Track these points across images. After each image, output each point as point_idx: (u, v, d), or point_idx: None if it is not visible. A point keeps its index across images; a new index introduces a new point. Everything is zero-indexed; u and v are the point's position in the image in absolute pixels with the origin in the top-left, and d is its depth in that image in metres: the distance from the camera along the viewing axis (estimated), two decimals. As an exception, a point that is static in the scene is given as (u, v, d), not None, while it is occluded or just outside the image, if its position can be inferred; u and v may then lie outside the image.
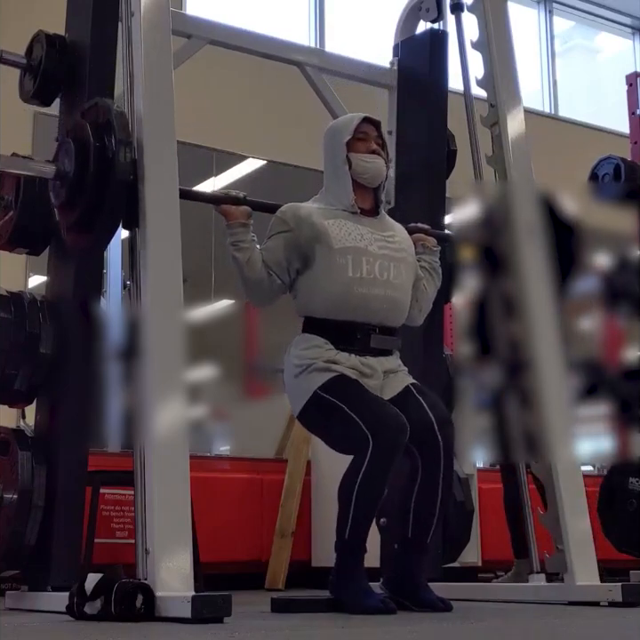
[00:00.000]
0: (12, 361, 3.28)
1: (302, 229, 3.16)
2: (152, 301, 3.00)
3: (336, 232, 3.15)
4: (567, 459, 3.69)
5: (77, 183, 3.04)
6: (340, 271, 3.12)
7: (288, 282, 3.20)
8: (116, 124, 3.01)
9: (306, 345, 3.14)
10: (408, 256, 3.28)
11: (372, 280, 3.13)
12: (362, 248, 3.15)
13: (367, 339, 3.13)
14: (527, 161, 4.07)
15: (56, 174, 3.13)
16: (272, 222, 3.24)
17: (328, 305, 3.14)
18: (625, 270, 4.96)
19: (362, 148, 3.23)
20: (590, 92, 12.42)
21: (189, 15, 5.84)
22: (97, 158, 3.01)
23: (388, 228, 3.28)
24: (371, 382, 3.11)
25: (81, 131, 3.08)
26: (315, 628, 2.67)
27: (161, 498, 2.82)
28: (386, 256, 3.18)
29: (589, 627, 2.81)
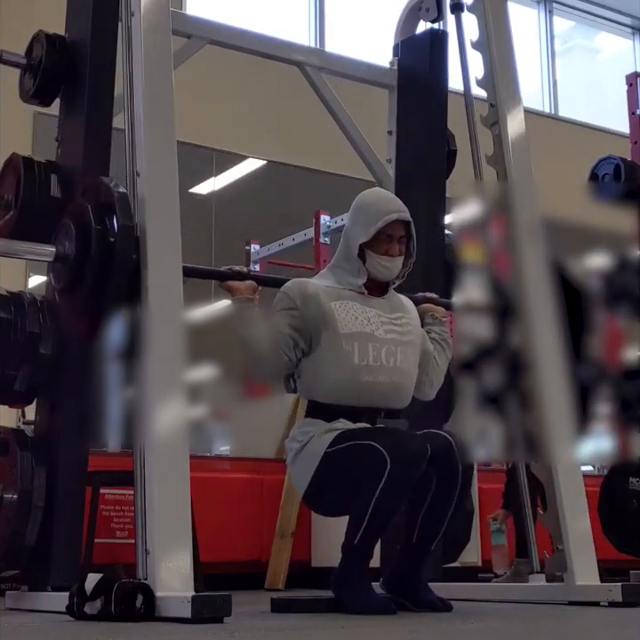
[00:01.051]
0: (12, 361, 3.28)
1: (309, 309, 3.11)
2: (152, 301, 2.99)
3: (342, 316, 3.10)
4: (567, 459, 3.69)
5: (78, 268, 3.02)
6: (346, 358, 3.07)
7: (295, 359, 3.14)
8: (117, 207, 2.98)
9: (309, 426, 3.12)
10: (415, 338, 3.23)
11: (378, 367, 3.09)
12: (368, 333, 3.10)
13: (373, 423, 3.10)
14: (527, 161, 4.07)
15: (56, 257, 3.11)
16: (278, 298, 3.19)
17: (333, 391, 3.10)
18: (625, 270, 4.96)
19: (381, 249, 3.15)
20: (590, 92, 12.43)
21: (189, 15, 5.84)
22: (98, 242, 2.98)
23: (396, 308, 3.22)
24: None
25: (82, 213, 3.05)
26: (315, 628, 2.67)
27: (161, 498, 2.82)
28: (393, 340, 3.13)
29: (589, 627, 2.81)
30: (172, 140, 3.16)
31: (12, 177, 3.45)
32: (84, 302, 3.05)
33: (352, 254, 3.17)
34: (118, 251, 2.96)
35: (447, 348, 3.43)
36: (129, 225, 2.99)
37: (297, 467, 3.13)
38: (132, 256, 2.99)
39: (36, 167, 3.40)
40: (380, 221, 3.12)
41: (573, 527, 3.58)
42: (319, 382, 3.12)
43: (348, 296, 3.14)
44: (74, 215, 3.09)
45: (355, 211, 3.21)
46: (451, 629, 2.67)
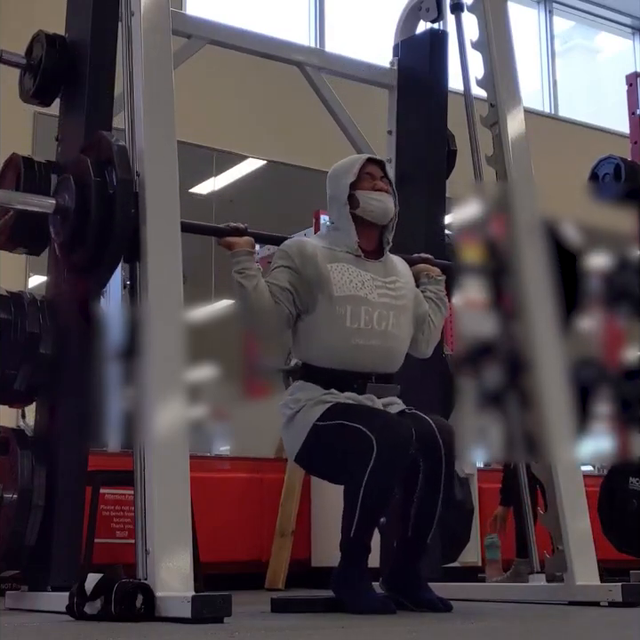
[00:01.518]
0: (12, 361, 3.28)
1: (306, 269, 3.13)
2: (152, 301, 3.00)
3: (338, 278, 3.12)
4: (567, 459, 3.69)
5: (78, 222, 3.03)
6: (338, 321, 3.10)
7: (295, 314, 3.16)
8: (116, 161, 2.99)
9: (301, 391, 3.14)
10: (408, 302, 3.25)
11: (369, 331, 3.11)
12: (361, 297, 3.12)
13: (363, 387, 3.13)
14: (527, 161, 4.06)
15: (56, 209, 3.12)
16: (277, 255, 3.22)
17: (325, 354, 3.13)
18: (625, 270, 4.96)
19: (368, 186, 3.21)
20: (590, 92, 12.42)
21: (189, 15, 5.84)
22: (98, 196, 2.99)
23: (391, 271, 3.25)
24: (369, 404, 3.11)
25: (81, 167, 3.06)
26: (315, 628, 2.67)
27: (161, 498, 2.82)
28: (385, 305, 3.16)
29: (589, 627, 2.81)
30: (172, 140, 3.16)
31: (12, 177, 3.45)
32: (83, 255, 3.06)
33: (341, 204, 3.20)
34: (118, 203, 2.98)
35: (443, 306, 3.46)
36: (128, 178, 3.01)
37: (288, 434, 3.18)
38: (132, 210, 3.01)
39: (36, 167, 3.40)
40: (358, 163, 3.22)
41: (573, 527, 3.57)
42: (312, 345, 3.15)
43: (344, 259, 3.17)
44: (74, 169, 3.11)
45: (332, 176, 3.28)
46: (451, 629, 2.67)
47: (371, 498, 2.95)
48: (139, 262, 3.03)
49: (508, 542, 5.00)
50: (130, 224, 3.01)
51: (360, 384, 3.12)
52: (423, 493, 3.09)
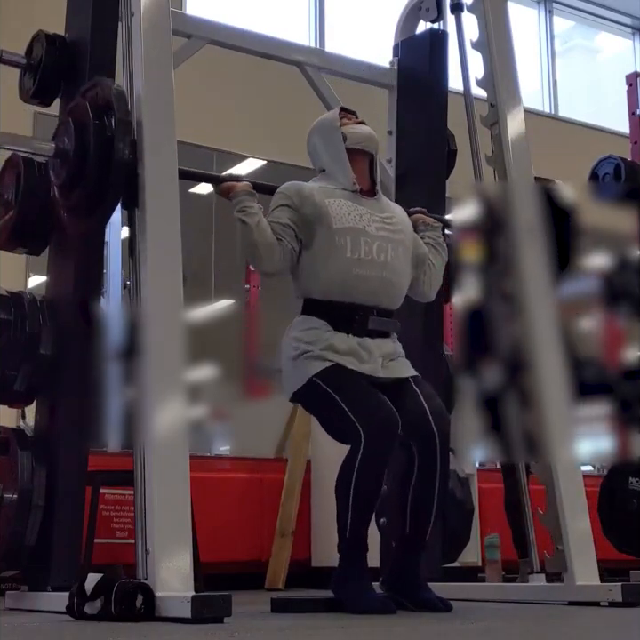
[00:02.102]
0: (12, 361, 3.28)
1: (305, 207, 3.18)
2: (152, 301, 3.00)
3: (336, 211, 3.17)
4: (567, 459, 3.69)
5: (77, 163, 3.07)
6: (338, 252, 3.14)
7: (297, 249, 3.18)
8: (115, 104, 3.03)
9: (304, 327, 3.15)
10: (405, 238, 3.30)
11: (369, 261, 3.15)
12: (360, 229, 3.17)
13: (365, 320, 3.14)
14: (527, 161, 4.06)
15: (55, 152, 3.16)
16: (275, 198, 3.26)
17: (326, 286, 3.15)
18: (625, 270, 4.96)
19: (348, 122, 3.32)
20: (590, 92, 12.43)
21: (189, 15, 5.84)
22: (96, 138, 3.03)
23: (386, 209, 3.31)
24: (367, 367, 3.10)
25: (81, 110, 3.11)
26: (315, 628, 2.67)
27: (161, 498, 2.82)
28: (384, 237, 3.20)
29: (589, 627, 2.81)
30: (172, 140, 3.16)
31: (11, 176, 3.45)
32: (82, 196, 3.07)
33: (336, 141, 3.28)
34: (116, 146, 3.00)
35: (442, 250, 3.50)
36: (126, 120, 3.03)
37: (285, 374, 3.19)
38: (129, 155, 3.03)
39: (36, 167, 3.40)
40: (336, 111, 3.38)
41: (573, 527, 3.57)
42: (313, 278, 3.17)
43: (341, 195, 3.22)
44: (73, 113, 3.14)
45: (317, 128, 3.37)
46: (451, 629, 2.67)
47: (361, 494, 2.97)
48: (137, 208, 3.05)
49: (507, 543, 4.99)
50: (127, 165, 3.03)
51: (362, 316, 3.14)
52: (418, 487, 3.10)
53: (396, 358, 3.19)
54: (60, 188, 3.18)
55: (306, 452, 5.28)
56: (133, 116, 3.09)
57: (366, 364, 3.10)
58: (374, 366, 3.12)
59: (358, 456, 2.95)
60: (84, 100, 3.13)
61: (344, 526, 3.00)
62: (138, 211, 3.05)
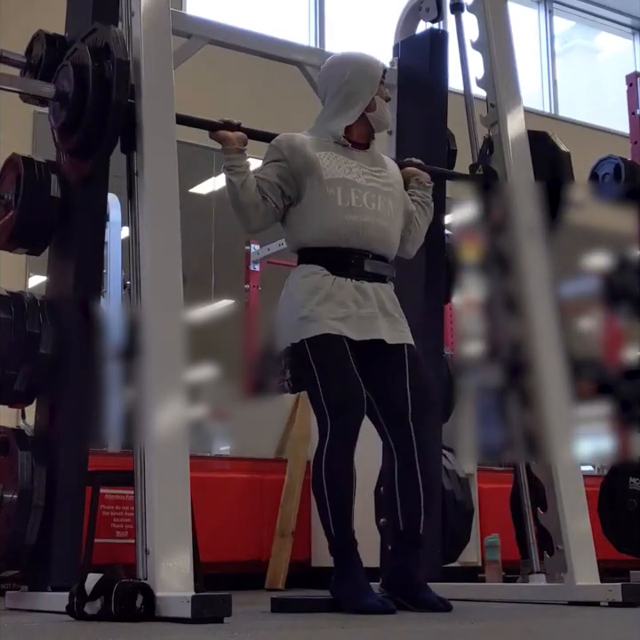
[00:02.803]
0: (12, 361, 3.28)
1: (295, 160, 3.22)
2: (152, 301, 3.00)
3: (326, 164, 3.21)
4: (567, 459, 3.69)
5: (76, 105, 3.11)
6: (329, 201, 3.18)
7: (282, 208, 3.23)
8: (114, 47, 3.08)
9: (303, 273, 3.19)
10: (395, 191, 3.33)
11: (361, 209, 3.19)
12: (350, 180, 3.22)
13: (361, 263, 3.19)
14: (527, 161, 4.06)
15: (55, 95, 3.21)
16: (268, 150, 3.30)
17: (320, 234, 3.19)
18: (625, 270, 4.96)
19: (382, 94, 3.35)
20: (590, 92, 12.43)
21: (189, 15, 5.84)
22: (95, 80, 3.07)
23: (378, 163, 3.35)
24: (364, 311, 3.14)
25: (80, 53, 3.15)
26: (315, 628, 2.67)
27: (161, 498, 2.82)
28: (373, 188, 3.25)
29: (589, 627, 2.81)
30: (172, 140, 3.16)
31: (12, 177, 3.45)
32: (81, 136, 3.11)
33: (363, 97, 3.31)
34: (115, 88, 3.05)
35: (429, 210, 3.53)
36: (124, 60, 3.08)
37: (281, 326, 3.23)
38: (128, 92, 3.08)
39: (36, 167, 3.40)
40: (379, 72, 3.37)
41: (573, 527, 3.57)
42: (307, 228, 3.22)
43: (332, 148, 3.27)
44: (72, 57, 3.19)
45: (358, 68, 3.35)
46: (451, 629, 2.67)
47: (335, 488, 3.02)
48: (135, 151, 3.09)
49: (507, 543, 4.99)
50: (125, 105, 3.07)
51: (357, 259, 3.18)
52: (401, 479, 3.12)
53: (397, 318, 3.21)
54: (59, 131, 3.23)
55: (305, 453, 5.28)
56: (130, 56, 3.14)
57: (364, 310, 3.14)
58: (372, 311, 3.15)
59: (323, 453, 3.03)
60: (83, 44, 3.18)
61: (327, 526, 3.03)
62: (136, 153, 3.10)
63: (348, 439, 3.06)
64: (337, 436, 3.04)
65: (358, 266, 3.18)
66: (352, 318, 3.12)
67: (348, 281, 3.15)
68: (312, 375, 3.10)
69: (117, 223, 5.96)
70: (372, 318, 3.14)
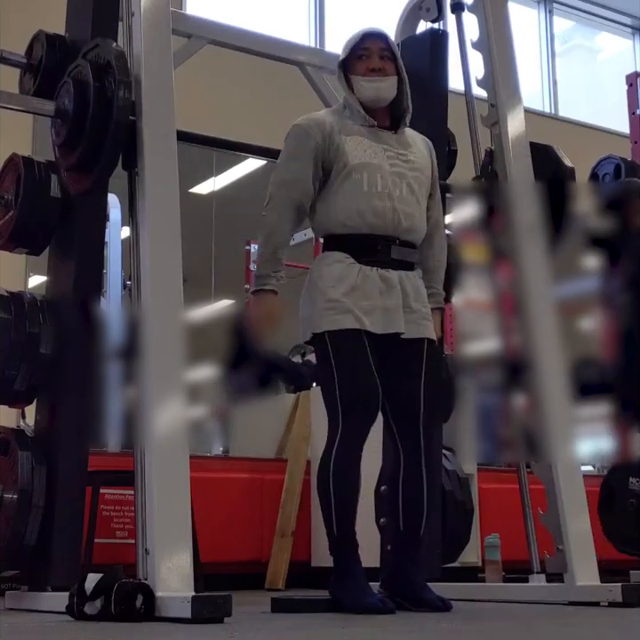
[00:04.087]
0: (12, 361, 3.28)
1: (327, 146, 3.17)
2: (152, 301, 2.99)
3: (352, 148, 3.17)
4: (567, 459, 3.69)
5: (77, 123, 3.11)
6: (355, 186, 3.15)
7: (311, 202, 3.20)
8: (115, 65, 3.07)
9: (328, 261, 3.16)
10: (422, 175, 3.27)
11: (386, 194, 3.16)
12: (376, 164, 3.17)
13: (388, 250, 3.15)
14: (527, 161, 4.06)
15: (56, 112, 3.20)
16: (295, 135, 3.23)
17: (346, 220, 3.15)
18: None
19: (361, 68, 3.24)
20: (590, 92, 12.42)
21: (189, 15, 5.84)
22: (96, 98, 3.07)
23: (405, 145, 3.27)
24: (389, 302, 3.11)
25: (81, 70, 3.15)
26: (315, 627, 2.67)
27: (161, 498, 2.82)
28: (398, 174, 3.20)
29: (589, 627, 2.81)
30: (172, 141, 3.16)
31: (11, 177, 3.45)
32: (82, 153, 3.11)
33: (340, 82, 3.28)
34: (116, 107, 3.04)
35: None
36: (126, 80, 3.06)
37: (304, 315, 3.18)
38: (129, 111, 3.07)
39: (36, 167, 3.40)
40: (355, 37, 3.23)
41: (573, 527, 3.57)
42: (333, 214, 3.17)
43: (358, 131, 3.21)
44: (74, 73, 3.19)
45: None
46: (451, 629, 2.67)
47: (341, 488, 3.01)
48: (135, 169, 3.09)
49: (507, 544, 4.99)
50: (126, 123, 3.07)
51: (384, 245, 3.14)
52: (406, 479, 3.12)
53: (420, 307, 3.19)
54: (60, 148, 3.23)
55: (305, 453, 5.28)
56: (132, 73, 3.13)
57: (388, 300, 3.10)
58: (396, 303, 3.11)
59: (333, 452, 3.01)
60: (84, 60, 3.18)
61: (331, 526, 3.02)
62: (137, 172, 3.09)
63: (358, 439, 3.04)
64: (348, 434, 3.02)
65: (385, 252, 3.14)
66: (377, 311, 3.09)
67: (373, 270, 3.12)
68: (329, 369, 3.07)
69: (117, 223, 5.96)
70: (395, 310, 3.12)
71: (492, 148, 4.10)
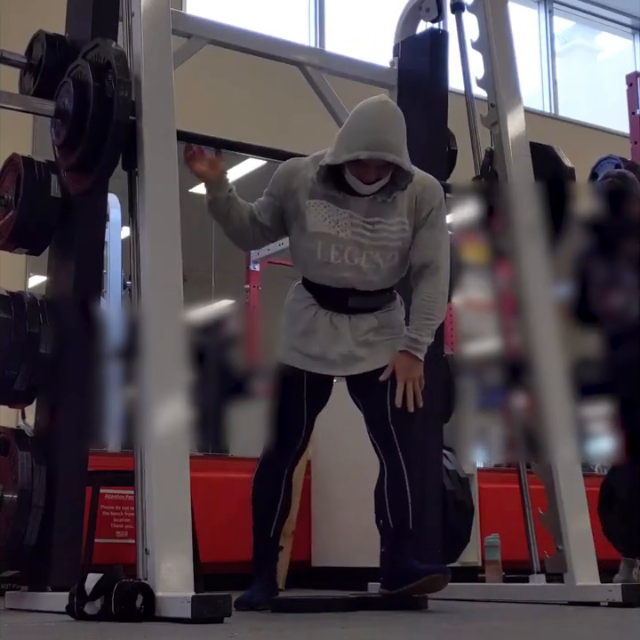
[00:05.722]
0: (12, 361, 3.28)
1: (287, 202, 3.21)
2: (152, 301, 3.00)
3: (313, 214, 3.16)
4: (567, 459, 3.69)
5: (77, 123, 3.11)
6: (310, 254, 3.20)
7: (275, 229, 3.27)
8: (115, 65, 3.07)
9: (295, 295, 3.30)
10: (388, 243, 3.18)
11: (339, 265, 3.18)
12: (332, 235, 3.16)
13: (345, 300, 3.22)
14: (527, 161, 4.07)
15: (56, 112, 3.21)
16: (274, 174, 3.30)
17: (305, 273, 3.28)
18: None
19: (354, 170, 3.09)
20: (590, 92, 12.42)
21: (189, 15, 5.83)
22: (96, 98, 3.07)
23: (379, 212, 3.17)
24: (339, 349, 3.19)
25: (81, 70, 3.15)
26: (315, 627, 2.67)
27: (161, 498, 2.82)
28: (357, 243, 3.16)
29: (589, 627, 2.81)
30: (172, 141, 3.16)
31: (11, 177, 3.45)
32: (82, 156, 3.12)
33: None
34: (116, 107, 3.04)
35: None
36: (126, 80, 3.07)
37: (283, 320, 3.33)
38: (129, 111, 3.07)
39: (36, 167, 3.40)
40: (349, 155, 3.06)
41: (573, 527, 3.58)
42: (296, 262, 3.31)
43: (326, 195, 3.17)
44: (74, 73, 3.19)
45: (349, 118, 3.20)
46: (451, 629, 2.67)
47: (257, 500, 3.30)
48: (135, 169, 3.09)
49: (507, 544, 4.99)
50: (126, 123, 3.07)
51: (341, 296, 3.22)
52: (390, 483, 3.18)
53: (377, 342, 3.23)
54: (60, 148, 3.23)
55: (306, 454, 5.28)
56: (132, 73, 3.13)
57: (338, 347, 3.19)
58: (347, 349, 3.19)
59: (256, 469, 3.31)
60: (84, 61, 3.18)
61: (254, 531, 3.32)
62: (137, 172, 3.09)
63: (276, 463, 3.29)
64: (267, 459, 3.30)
65: (341, 302, 3.23)
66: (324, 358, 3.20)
67: (327, 315, 3.22)
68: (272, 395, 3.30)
69: (117, 223, 5.96)
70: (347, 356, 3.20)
71: (492, 148, 4.10)
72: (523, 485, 3.95)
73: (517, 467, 4.01)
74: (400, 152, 3.07)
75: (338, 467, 4.99)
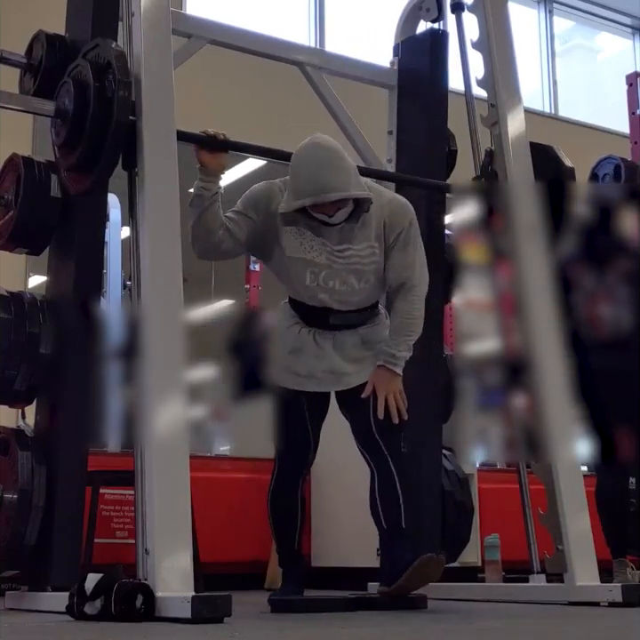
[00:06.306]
0: (12, 361, 3.28)
1: (268, 224, 3.23)
2: (152, 301, 3.00)
3: (290, 240, 3.22)
4: (567, 459, 3.69)
5: (77, 123, 3.11)
6: (288, 276, 3.28)
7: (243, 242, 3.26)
8: (115, 65, 3.07)
9: (282, 314, 3.37)
10: (362, 267, 3.24)
11: (315, 287, 3.24)
12: (308, 260, 3.22)
13: (326, 319, 3.28)
14: (527, 161, 4.07)
15: (56, 112, 3.21)
16: (246, 197, 3.28)
17: (287, 291, 3.36)
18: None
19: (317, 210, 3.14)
20: (590, 92, 12.42)
21: (189, 15, 5.83)
22: (96, 98, 3.07)
23: (346, 239, 3.23)
24: (323, 366, 3.27)
25: (81, 70, 3.15)
26: (315, 627, 2.67)
27: (161, 498, 2.82)
28: (331, 267, 3.23)
29: (589, 627, 2.81)
30: (172, 142, 3.16)
31: (11, 177, 3.45)
32: (82, 156, 3.12)
33: None
34: (116, 107, 3.04)
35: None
36: (126, 80, 3.07)
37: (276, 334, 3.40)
38: (129, 111, 3.07)
39: (36, 167, 3.40)
40: (296, 203, 3.12)
41: (573, 527, 3.58)
42: (280, 280, 3.37)
43: (302, 222, 3.21)
44: (74, 73, 3.20)
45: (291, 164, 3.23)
46: (451, 629, 2.67)
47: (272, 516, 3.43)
48: (135, 169, 3.10)
49: (507, 544, 4.99)
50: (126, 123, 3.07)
51: (322, 315, 3.28)
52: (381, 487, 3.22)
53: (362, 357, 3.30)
54: (60, 148, 3.24)
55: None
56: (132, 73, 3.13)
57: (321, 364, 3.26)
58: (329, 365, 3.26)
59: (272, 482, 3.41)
60: (84, 60, 3.18)
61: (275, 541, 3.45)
62: (137, 172, 3.09)
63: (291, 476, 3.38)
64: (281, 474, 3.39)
65: (323, 319, 3.28)
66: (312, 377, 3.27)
67: (311, 333, 3.28)
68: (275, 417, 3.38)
69: (117, 223, 5.96)
70: (332, 373, 3.27)
71: (492, 148, 4.10)
72: (523, 485, 3.95)
73: (517, 467, 4.01)
74: (345, 185, 3.10)
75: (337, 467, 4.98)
